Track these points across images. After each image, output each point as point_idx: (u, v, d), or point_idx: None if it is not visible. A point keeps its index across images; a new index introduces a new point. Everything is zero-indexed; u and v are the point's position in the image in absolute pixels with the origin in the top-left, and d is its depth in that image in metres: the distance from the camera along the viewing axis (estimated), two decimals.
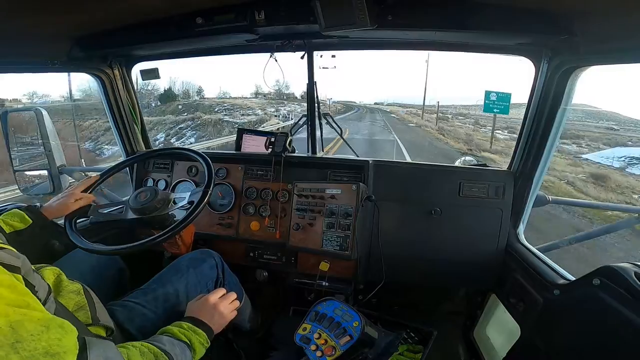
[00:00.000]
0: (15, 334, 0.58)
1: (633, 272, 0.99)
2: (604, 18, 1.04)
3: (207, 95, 51.05)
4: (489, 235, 1.64)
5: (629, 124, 28.05)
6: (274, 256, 1.84)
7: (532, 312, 1.35)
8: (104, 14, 1.35)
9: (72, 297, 0.99)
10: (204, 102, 44.89)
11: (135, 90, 2.04)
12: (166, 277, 1.31)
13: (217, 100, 45.22)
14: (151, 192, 1.44)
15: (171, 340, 0.98)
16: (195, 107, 40.87)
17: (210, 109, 40.32)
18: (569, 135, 21.73)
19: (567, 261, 3.18)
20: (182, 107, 42.43)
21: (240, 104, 42.97)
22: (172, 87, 47.62)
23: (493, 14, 1.16)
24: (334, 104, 50.01)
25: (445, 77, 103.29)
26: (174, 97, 45.52)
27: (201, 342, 1.04)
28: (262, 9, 1.32)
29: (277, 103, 43.73)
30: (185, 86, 49.92)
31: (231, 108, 40.07)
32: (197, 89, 50.50)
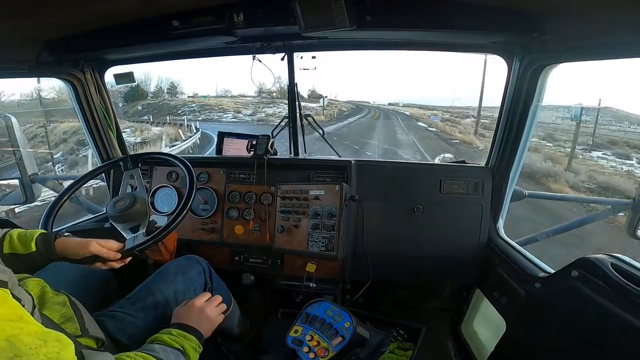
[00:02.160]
0: (14, 348, 0.57)
1: (609, 263, 1.03)
2: (572, 16, 1.08)
3: (190, 93, 47.94)
4: (470, 231, 1.67)
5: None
6: (259, 259, 1.82)
7: (516, 306, 1.38)
8: (75, 17, 1.30)
9: (58, 309, 0.95)
10: (170, 102, 41.96)
11: (109, 95, 1.98)
12: (153, 285, 1.28)
13: (187, 100, 42.56)
14: (130, 199, 1.39)
15: (164, 348, 0.96)
16: (158, 108, 37.99)
17: (175, 110, 37.45)
18: (600, 144, 17.42)
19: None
20: (142, 108, 39.38)
21: (213, 104, 40.73)
22: (142, 84, 44.69)
23: (467, 13, 1.19)
24: (343, 104, 44.65)
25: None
26: (141, 96, 42.74)
27: (193, 347, 1.02)
28: (241, 10, 1.30)
29: (267, 103, 41.53)
30: (162, 83, 47.01)
31: (199, 109, 37.72)
32: (170, 87, 47.41)
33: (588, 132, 19.14)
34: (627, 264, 1.02)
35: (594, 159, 16.30)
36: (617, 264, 1.02)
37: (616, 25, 0.99)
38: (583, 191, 10.53)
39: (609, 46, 1.07)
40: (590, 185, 11.37)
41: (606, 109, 23.77)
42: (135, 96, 41.09)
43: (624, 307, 0.93)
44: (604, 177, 12.27)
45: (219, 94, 47.16)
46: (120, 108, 38.94)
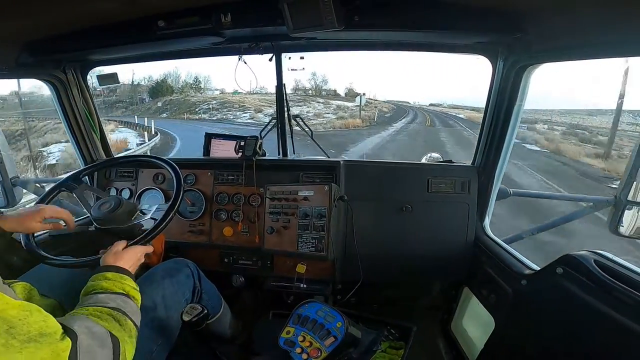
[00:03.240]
0: (5, 321, 0.63)
1: (592, 259, 1.05)
2: (554, 17, 1.11)
3: (222, 89, 44.91)
4: (458, 230, 1.69)
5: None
6: (249, 261, 1.81)
7: (503, 303, 1.39)
8: (56, 18, 1.28)
9: None
10: (191, 98, 39.22)
11: (92, 96, 1.95)
12: (141, 288, 1.25)
13: (209, 97, 39.51)
14: (115, 201, 1.37)
15: (107, 295, 0.93)
16: (179, 105, 35.96)
17: (194, 107, 35.44)
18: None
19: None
20: (162, 104, 37.32)
21: (234, 102, 37.62)
22: (170, 79, 42.23)
23: (453, 14, 1.21)
24: (382, 104, 37.48)
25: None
26: (166, 92, 40.05)
27: (134, 288, 0.99)
28: (228, 11, 1.30)
29: (297, 101, 37.37)
30: (191, 78, 43.81)
31: (218, 107, 34.94)
32: (194, 82, 43.93)
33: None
34: (609, 260, 1.05)
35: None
36: (600, 261, 1.05)
37: (597, 25, 1.02)
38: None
39: (590, 46, 1.10)
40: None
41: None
42: (160, 92, 39.22)
43: (607, 302, 0.96)
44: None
45: (252, 90, 44.32)
46: (145, 104, 37.87)
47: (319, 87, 41.43)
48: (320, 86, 41.76)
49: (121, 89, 40.32)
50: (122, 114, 36.27)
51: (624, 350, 0.91)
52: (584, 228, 5.16)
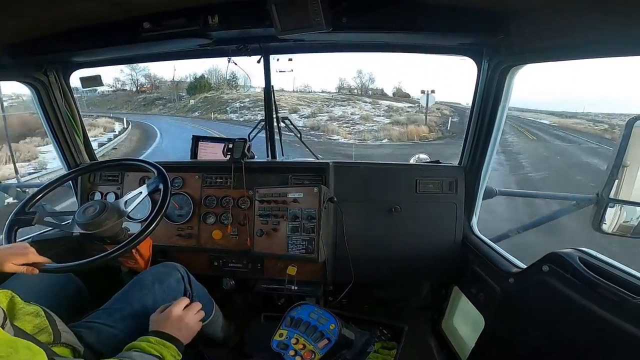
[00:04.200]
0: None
1: (577, 257, 1.07)
2: (536, 18, 1.14)
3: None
4: (446, 229, 1.71)
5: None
6: (239, 264, 1.79)
7: (492, 302, 1.41)
8: (37, 19, 1.24)
9: (30, 320, 0.91)
10: (223, 96, 35.50)
11: (75, 99, 1.91)
12: (130, 294, 1.23)
13: (242, 95, 35.33)
14: (100, 205, 1.34)
15: (141, 355, 0.93)
16: (211, 103, 33.13)
17: (226, 105, 32.37)
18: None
19: None
20: (195, 102, 34.65)
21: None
22: (209, 76, 38.89)
23: (439, 16, 1.23)
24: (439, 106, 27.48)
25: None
26: (203, 89, 37.32)
27: (173, 355, 0.99)
28: (216, 12, 1.29)
29: (341, 100, 32.47)
30: (233, 75, 39.19)
31: (250, 106, 31.49)
32: (231, 78, 38.88)
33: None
34: (594, 257, 1.07)
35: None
36: (585, 258, 1.06)
37: (578, 27, 1.04)
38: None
39: (572, 47, 1.13)
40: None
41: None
42: (197, 89, 36.73)
43: (592, 299, 0.97)
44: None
45: (296, 89, 39.31)
46: (180, 102, 35.50)
47: (365, 86, 37.17)
48: (366, 85, 37.45)
49: (166, 86, 38.81)
50: (160, 111, 35.11)
51: (609, 346, 0.92)
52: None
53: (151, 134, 21.79)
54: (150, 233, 1.27)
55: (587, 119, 27.22)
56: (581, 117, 28.18)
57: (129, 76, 40.16)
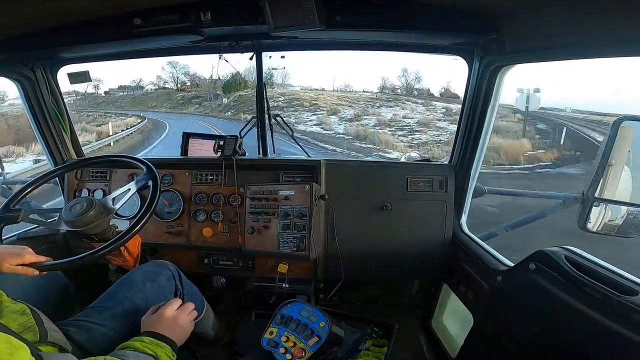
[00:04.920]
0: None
1: (563, 255, 1.09)
2: (526, 19, 1.16)
3: (302, 85, 35.65)
4: (436, 227, 1.72)
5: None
6: (230, 261, 1.78)
7: (481, 299, 1.42)
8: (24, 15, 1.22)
9: (16, 318, 0.89)
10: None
11: (62, 95, 1.87)
12: (120, 293, 1.22)
13: (275, 93, 31.38)
14: (87, 202, 1.32)
15: (136, 354, 0.92)
16: (244, 102, 30.07)
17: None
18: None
19: None
20: (228, 100, 31.94)
21: (304, 99, 28.94)
22: (246, 73, 37.01)
23: (431, 15, 1.25)
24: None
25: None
26: (238, 87, 34.39)
27: (168, 355, 0.98)
28: (208, 9, 1.28)
29: (387, 100, 28.01)
30: (269, 71, 38.46)
31: (285, 105, 27.53)
32: (268, 76, 38.59)
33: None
34: (579, 256, 1.08)
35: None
36: (571, 257, 1.08)
37: (568, 28, 1.06)
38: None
39: (562, 48, 1.14)
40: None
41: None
42: (233, 87, 34.29)
43: (578, 297, 0.98)
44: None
45: (336, 88, 35.42)
46: (215, 100, 33.25)
47: (411, 86, 33.67)
48: (411, 85, 33.87)
49: (205, 84, 36.35)
50: (195, 110, 33.46)
51: (594, 343, 0.94)
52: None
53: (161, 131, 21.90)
54: (139, 230, 1.25)
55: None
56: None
57: (170, 74, 38.41)
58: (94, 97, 43.24)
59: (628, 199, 1.35)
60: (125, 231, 1.24)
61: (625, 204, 1.38)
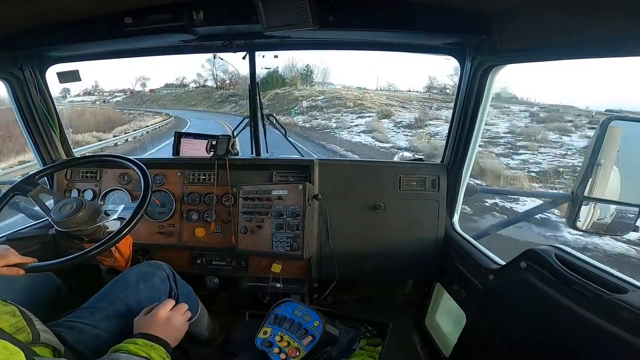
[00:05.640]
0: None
1: (554, 254, 1.10)
2: (517, 19, 1.17)
3: (344, 84, 32.68)
4: (428, 226, 1.73)
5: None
6: (223, 261, 1.77)
7: (473, 298, 1.43)
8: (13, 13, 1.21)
9: (7, 319, 0.88)
10: (294, 92, 29.28)
11: (51, 94, 1.85)
12: (113, 294, 1.20)
13: (315, 91, 28.83)
14: (77, 203, 1.31)
15: (129, 357, 0.91)
16: (281, 101, 27.80)
17: (295, 102, 26.04)
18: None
19: None
20: (264, 100, 29.76)
21: (348, 98, 24.72)
22: (285, 71, 34.27)
23: (424, 15, 1.26)
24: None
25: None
26: (276, 84, 33.31)
27: (161, 357, 0.97)
28: (201, 8, 1.28)
29: (446, 101, 23.20)
30: (308, 68, 34.57)
31: (324, 105, 24.03)
32: (306, 73, 34.21)
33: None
34: (569, 254, 1.10)
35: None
36: (561, 255, 1.10)
37: (559, 28, 1.07)
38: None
39: (552, 48, 1.16)
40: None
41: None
42: (270, 84, 32.66)
43: (569, 295, 1.00)
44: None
45: (379, 87, 33.16)
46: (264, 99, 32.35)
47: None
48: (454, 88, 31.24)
49: (244, 81, 34.55)
50: (231, 109, 31.68)
51: (584, 341, 0.95)
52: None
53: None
54: (130, 231, 1.24)
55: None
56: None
57: (210, 72, 37.99)
58: (141, 95, 44.69)
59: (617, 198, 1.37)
60: (116, 232, 1.23)
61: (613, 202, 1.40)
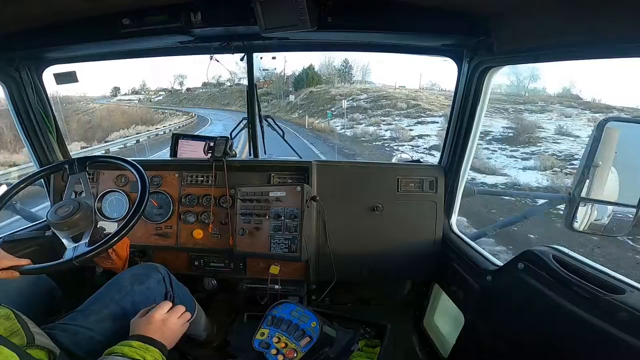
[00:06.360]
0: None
1: (551, 255, 1.11)
2: (514, 21, 1.18)
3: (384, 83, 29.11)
4: (426, 228, 1.73)
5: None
6: (221, 263, 1.77)
7: (471, 299, 1.44)
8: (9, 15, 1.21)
9: (1, 323, 0.88)
10: (330, 90, 26.50)
11: (48, 96, 1.84)
12: (108, 296, 1.19)
13: (356, 89, 25.98)
14: (73, 205, 1.30)
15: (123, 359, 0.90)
16: (315, 100, 24.96)
17: (332, 101, 23.00)
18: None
19: None
20: (294, 98, 26.97)
21: (399, 97, 21.03)
22: (324, 68, 32.33)
23: (422, 17, 1.27)
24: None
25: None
26: (311, 83, 31.21)
27: (156, 359, 0.97)
28: (198, 9, 1.28)
29: (520, 102, 19.77)
30: (346, 64, 32.04)
31: (369, 106, 20.67)
32: (345, 70, 31.44)
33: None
34: (566, 255, 1.11)
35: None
36: (558, 256, 1.10)
37: (555, 29, 1.07)
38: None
39: (549, 49, 1.16)
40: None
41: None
42: (305, 82, 31.01)
43: (566, 296, 1.00)
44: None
45: (421, 87, 30.28)
46: (286, 98, 29.49)
47: (524, 87, 25.96)
48: (524, 85, 26.81)
49: (281, 81, 33.63)
50: (264, 108, 28.49)
51: (581, 341, 0.95)
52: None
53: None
54: (127, 233, 1.23)
55: None
56: None
57: (244, 69, 38.40)
58: (178, 93, 46.35)
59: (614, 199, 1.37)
60: (113, 233, 1.22)
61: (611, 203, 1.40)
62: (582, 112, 18.19)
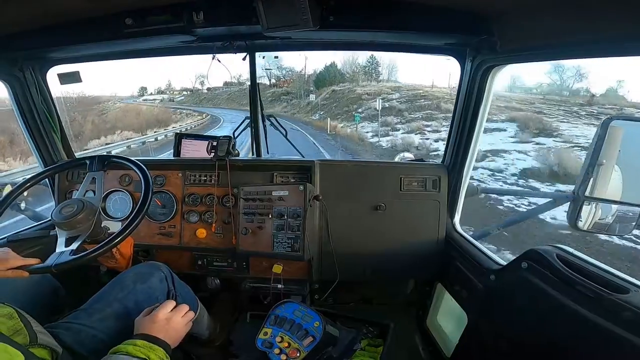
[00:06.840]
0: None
1: (555, 254, 1.10)
2: (517, 20, 1.17)
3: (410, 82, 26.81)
4: (429, 227, 1.73)
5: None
6: (224, 262, 1.78)
7: (475, 298, 1.43)
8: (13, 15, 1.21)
9: (4, 322, 0.89)
10: (356, 89, 24.81)
11: (52, 95, 1.85)
12: (111, 294, 1.20)
13: (386, 87, 23.72)
14: (77, 204, 1.31)
15: (128, 358, 0.91)
16: (338, 100, 22.99)
17: (358, 101, 21.50)
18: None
19: None
20: (315, 97, 25.22)
21: (442, 97, 18.81)
22: (343, 68, 30.84)
23: (424, 16, 1.26)
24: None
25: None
26: (333, 81, 29.47)
27: (160, 358, 0.97)
28: (201, 9, 1.28)
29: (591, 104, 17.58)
30: (373, 60, 30.19)
31: (402, 107, 18.52)
32: (371, 68, 30.07)
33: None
34: (570, 254, 1.10)
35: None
36: (562, 255, 1.10)
37: (558, 28, 1.07)
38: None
39: (552, 48, 1.15)
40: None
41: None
42: (327, 80, 29.07)
43: (570, 295, 1.00)
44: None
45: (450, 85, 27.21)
46: (306, 98, 28.07)
47: (567, 87, 23.78)
48: (568, 85, 24.12)
49: (301, 79, 32.34)
50: (283, 109, 28.15)
51: (585, 341, 0.95)
52: None
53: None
54: (131, 232, 1.24)
55: None
56: None
57: (263, 68, 35.31)
58: (199, 93, 47.25)
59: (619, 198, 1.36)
60: (117, 233, 1.23)
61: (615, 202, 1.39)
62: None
